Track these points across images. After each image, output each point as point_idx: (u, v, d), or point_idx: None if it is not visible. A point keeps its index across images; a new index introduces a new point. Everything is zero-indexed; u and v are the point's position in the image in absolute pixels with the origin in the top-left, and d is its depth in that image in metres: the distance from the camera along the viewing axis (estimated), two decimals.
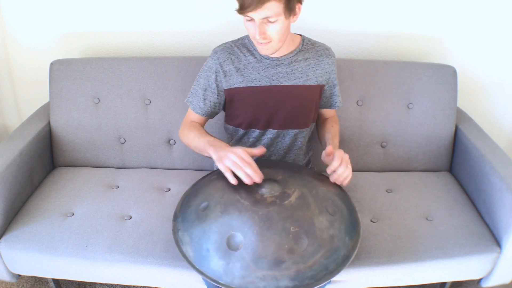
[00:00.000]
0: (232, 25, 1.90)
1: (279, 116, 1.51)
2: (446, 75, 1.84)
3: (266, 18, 1.26)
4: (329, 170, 1.32)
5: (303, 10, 1.91)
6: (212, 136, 1.43)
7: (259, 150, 1.28)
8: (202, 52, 2.01)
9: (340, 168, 1.30)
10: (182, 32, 2.00)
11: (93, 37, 2.02)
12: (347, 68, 1.83)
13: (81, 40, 2.03)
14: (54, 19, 1.98)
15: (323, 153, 1.38)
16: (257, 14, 1.25)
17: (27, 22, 1.99)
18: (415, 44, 2.01)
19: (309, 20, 1.94)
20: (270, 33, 1.31)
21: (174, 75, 1.82)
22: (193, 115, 1.54)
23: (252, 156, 1.26)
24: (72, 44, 2.04)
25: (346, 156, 1.34)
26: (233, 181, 1.23)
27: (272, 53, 1.40)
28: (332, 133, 1.57)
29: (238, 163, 1.22)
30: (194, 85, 1.53)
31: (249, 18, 1.29)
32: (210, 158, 1.37)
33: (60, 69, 1.83)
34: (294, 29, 1.57)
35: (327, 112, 1.68)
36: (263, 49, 1.37)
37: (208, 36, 1.98)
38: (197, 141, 1.43)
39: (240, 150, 1.23)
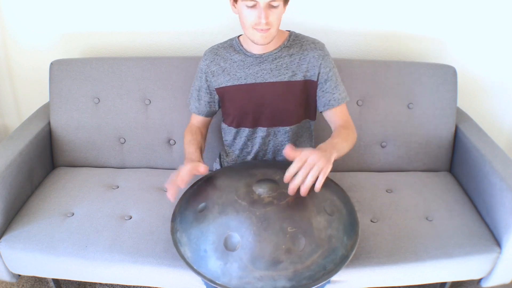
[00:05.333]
0: (232, 25, 1.90)
1: (266, 113, 1.51)
2: (446, 75, 1.84)
3: (270, 2, 1.29)
4: (285, 179, 1.14)
5: (303, 10, 1.92)
6: (196, 148, 1.47)
7: (202, 168, 1.29)
8: (202, 52, 1.99)
9: (297, 176, 1.12)
10: (182, 32, 2.01)
11: (93, 37, 2.03)
12: (347, 68, 1.82)
13: (81, 40, 2.03)
14: (54, 19, 1.99)
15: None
16: None
17: (27, 22, 2.00)
18: (415, 44, 2.01)
19: (309, 20, 1.94)
20: (272, 19, 1.32)
21: (174, 75, 1.82)
22: (193, 117, 1.61)
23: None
24: (72, 44, 2.04)
25: (315, 156, 1.12)
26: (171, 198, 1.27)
27: (269, 42, 1.40)
28: (334, 135, 1.41)
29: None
30: (191, 87, 1.60)
31: (251, 4, 1.29)
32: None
33: (60, 69, 1.83)
34: (293, 28, 1.57)
35: (332, 117, 1.51)
36: (263, 38, 1.37)
37: (208, 36, 1.98)
38: (185, 148, 1.51)
39: (184, 167, 1.29)
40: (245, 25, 1.36)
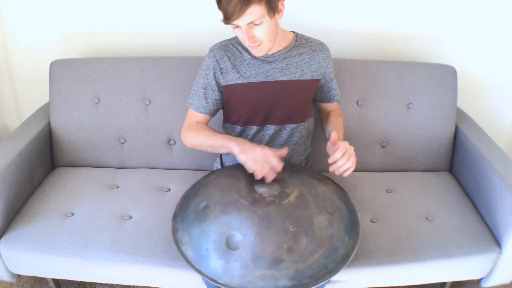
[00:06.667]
0: None
1: (276, 111, 1.52)
2: (446, 75, 1.84)
3: (251, 22, 1.28)
4: (330, 161, 1.30)
5: (303, 10, 1.93)
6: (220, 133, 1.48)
7: (282, 151, 1.32)
8: (202, 52, 2.01)
9: (341, 160, 1.29)
10: (182, 32, 2.01)
11: (93, 37, 2.02)
12: (347, 68, 1.83)
13: (81, 40, 2.03)
14: (54, 19, 1.98)
15: (328, 143, 1.38)
16: (242, 21, 1.27)
17: (27, 22, 1.99)
18: (415, 44, 2.01)
19: (309, 20, 1.94)
20: (259, 36, 1.32)
21: (174, 75, 1.82)
22: (197, 116, 1.53)
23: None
24: (72, 44, 2.04)
25: (351, 149, 1.32)
26: (251, 171, 1.29)
27: (266, 53, 1.42)
28: (336, 126, 1.57)
29: (260, 160, 1.27)
30: (194, 87, 1.54)
31: (235, 26, 1.31)
32: (227, 154, 1.49)
33: (60, 69, 1.83)
34: (294, 28, 1.57)
35: (328, 106, 1.69)
36: (256, 51, 1.39)
37: (208, 36, 1.97)
38: (212, 139, 1.44)
39: (267, 151, 1.29)
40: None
